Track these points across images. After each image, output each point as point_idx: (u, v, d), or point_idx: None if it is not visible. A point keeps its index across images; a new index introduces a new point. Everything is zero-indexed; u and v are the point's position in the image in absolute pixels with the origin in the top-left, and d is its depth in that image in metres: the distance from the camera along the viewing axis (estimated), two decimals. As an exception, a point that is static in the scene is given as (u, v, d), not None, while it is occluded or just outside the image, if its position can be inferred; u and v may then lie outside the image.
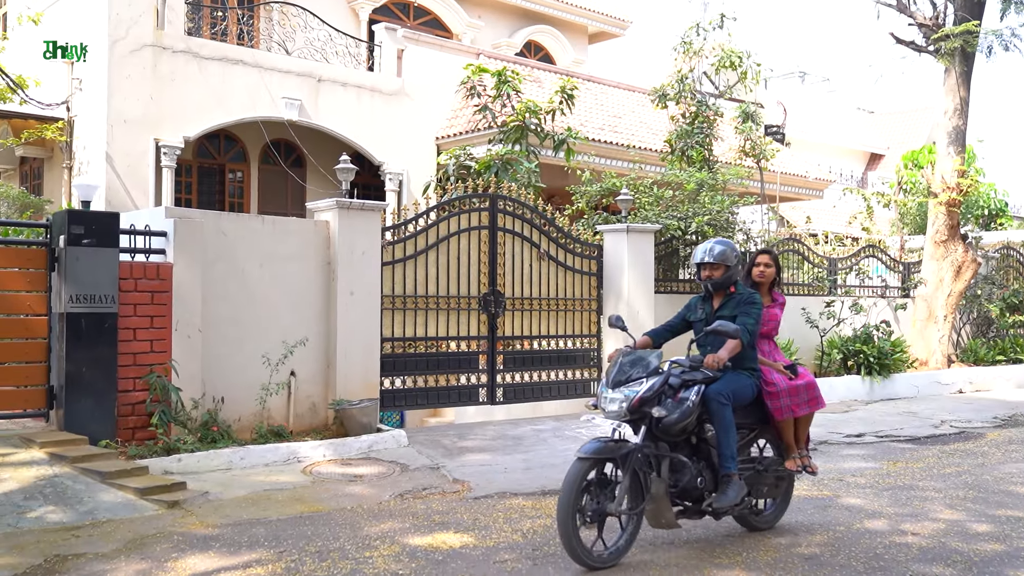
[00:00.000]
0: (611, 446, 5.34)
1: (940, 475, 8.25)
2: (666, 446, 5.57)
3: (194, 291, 8.54)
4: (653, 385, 5.43)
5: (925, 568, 5.37)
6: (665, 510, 5.51)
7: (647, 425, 5.44)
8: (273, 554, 5.57)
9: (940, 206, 15.99)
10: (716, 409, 5.63)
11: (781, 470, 6.20)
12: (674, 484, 5.58)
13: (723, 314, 5.95)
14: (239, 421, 8.87)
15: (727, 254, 6.01)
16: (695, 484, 5.60)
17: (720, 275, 6.01)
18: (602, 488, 5.34)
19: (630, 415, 5.39)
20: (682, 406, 5.50)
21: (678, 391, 5.60)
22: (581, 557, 5.19)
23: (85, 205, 8.17)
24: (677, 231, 13.30)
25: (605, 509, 5.31)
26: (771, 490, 6.23)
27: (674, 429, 5.49)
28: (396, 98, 17.15)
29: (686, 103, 16.09)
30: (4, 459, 7.05)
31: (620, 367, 5.58)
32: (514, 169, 13.66)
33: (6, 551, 5.53)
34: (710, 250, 6.02)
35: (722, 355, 5.61)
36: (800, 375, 6.18)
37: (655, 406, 5.40)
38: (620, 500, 5.30)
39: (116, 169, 13.97)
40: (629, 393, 5.40)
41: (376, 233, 10.00)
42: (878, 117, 43.34)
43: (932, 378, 15.14)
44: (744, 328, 5.77)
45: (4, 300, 7.84)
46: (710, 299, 6.15)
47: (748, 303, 5.97)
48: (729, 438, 5.65)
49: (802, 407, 6.08)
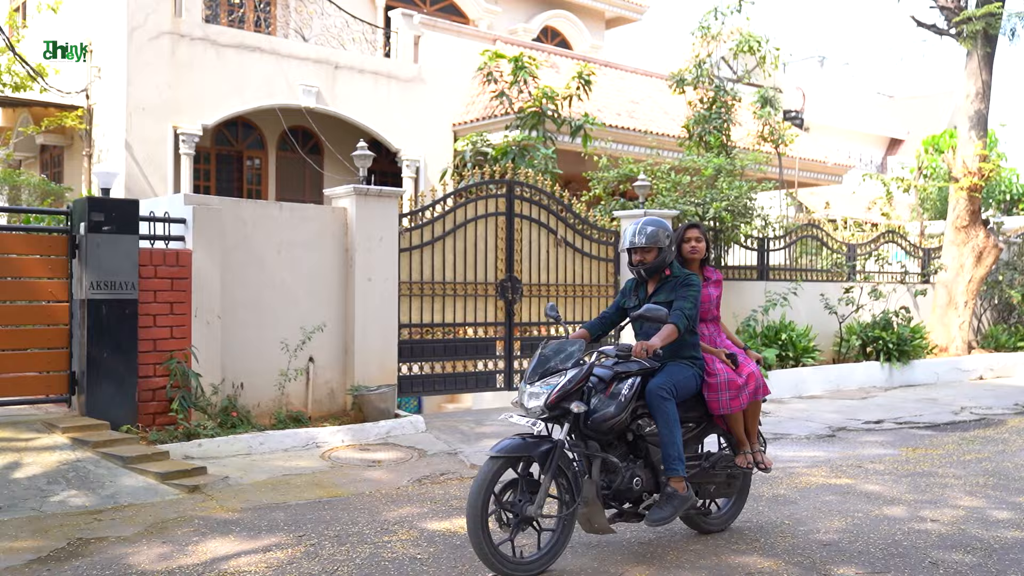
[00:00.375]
0: (528, 444, 4.85)
1: (960, 462, 8.21)
2: (596, 445, 5.11)
3: (213, 277, 8.59)
4: (573, 378, 4.94)
5: (944, 555, 5.36)
6: (596, 514, 5.04)
7: (571, 422, 4.97)
8: (293, 538, 5.61)
9: (961, 191, 15.86)
10: (657, 404, 5.17)
11: (732, 467, 5.73)
12: (606, 486, 5.14)
13: (658, 299, 5.43)
14: (258, 407, 8.93)
15: (659, 235, 5.39)
16: (630, 486, 5.16)
17: (652, 259, 5.43)
18: (527, 489, 4.85)
19: (549, 411, 4.90)
20: (613, 401, 5.05)
21: (610, 384, 5.13)
22: (495, 564, 4.72)
23: (105, 192, 8.22)
24: (695, 217, 13.25)
25: (525, 512, 4.80)
26: (721, 489, 5.74)
27: (604, 426, 5.04)
28: (413, 84, 17.14)
29: (704, 88, 15.99)
30: (28, 444, 7.13)
31: (540, 359, 5.09)
32: (531, 155, 13.64)
33: (30, 534, 5.60)
34: (639, 231, 5.41)
35: (654, 342, 5.12)
36: (741, 365, 5.65)
37: (575, 401, 4.92)
38: (540, 503, 4.81)
39: (135, 156, 14.05)
40: (546, 388, 4.92)
41: (393, 219, 10.02)
42: (898, 102, 43.00)
43: (952, 364, 15.06)
44: (681, 313, 5.27)
45: (26, 287, 7.91)
46: (645, 284, 5.61)
47: (685, 285, 5.42)
48: (674, 436, 5.16)
49: (740, 400, 5.55)
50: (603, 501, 5.09)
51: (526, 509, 4.79)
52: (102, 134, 14.63)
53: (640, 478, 5.20)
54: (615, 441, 5.21)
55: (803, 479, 7.41)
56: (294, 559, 5.19)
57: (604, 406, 5.03)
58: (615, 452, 5.19)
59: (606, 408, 5.02)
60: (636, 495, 5.21)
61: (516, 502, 4.81)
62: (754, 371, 5.67)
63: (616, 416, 5.03)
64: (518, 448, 4.82)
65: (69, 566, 5.02)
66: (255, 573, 4.92)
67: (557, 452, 4.85)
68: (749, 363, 5.71)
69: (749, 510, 6.34)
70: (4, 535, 5.57)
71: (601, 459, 5.09)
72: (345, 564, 5.07)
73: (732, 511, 5.91)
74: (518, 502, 4.81)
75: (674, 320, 5.22)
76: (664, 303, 5.35)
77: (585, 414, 4.99)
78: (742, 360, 5.69)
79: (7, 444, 7.08)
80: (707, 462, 5.61)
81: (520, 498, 4.82)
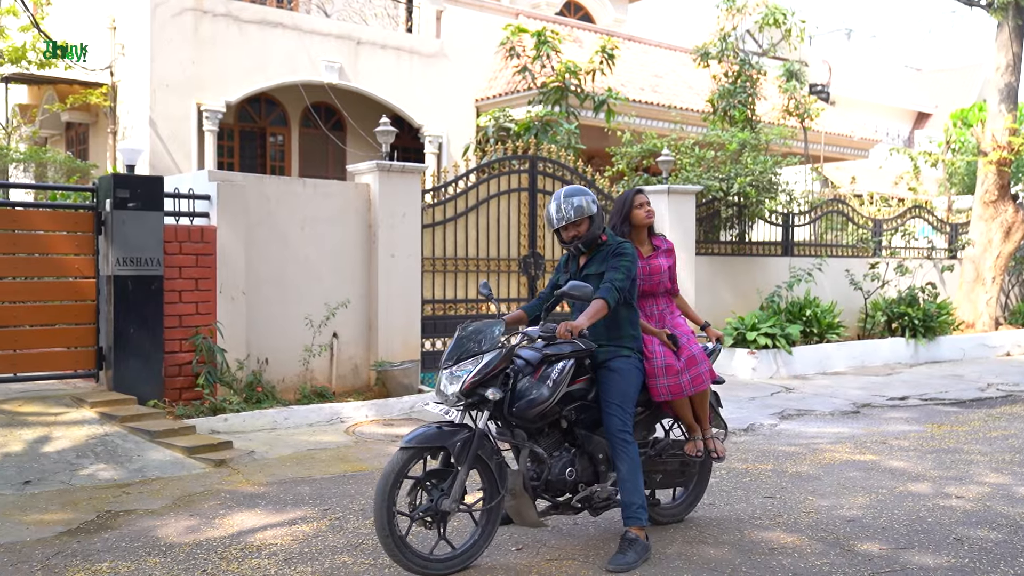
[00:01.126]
0: (441, 433, 4.46)
1: (986, 438, 8.15)
2: (523, 434, 4.73)
3: (237, 254, 8.63)
4: (490, 362, 4.52)
5: (969, 531, 5.33)
6: (525, 507, 4.71)
7: (491, 410, 4.58)
8: (318, 512, 5.67)
9: (990, 165, 15.65)
10: (620, 449, 4.76)
11: (684, 454, 5.32)
12: (536, 476, 4.75)
13: (590, 272, 4.96)
14: (283, 382, 9.00)
15: (584, 204, 4.88)
16: (563, 476, 4.76)
17: (586, 230, 4.92)
18: (443, 480, 4.50)
19: (465, 399, 4.51)
20: (542, 385, 4.60)
21: (539, 367, 4.68)
22: (407, 563, 4.38)
23: (130, 169, 8.27)
24: (719, 192, 13.16)
25: (440, 506, 4.44)
26: (670, 478, 5.35)
27: (530, 413, 4.59)
28: (435, 60, 17.08)
29: (728, 62, 15.83)
30: (57, 418, 7.23)
31: (457, 341, 4.69)
32: (554, 131, 13.59)
33: (60, 507, 5.69)
34: (564, 206, 4.89)
35: (580, 322, 4.65)
36: (682, 348, 5.10)
37: (491, 388, 4.50)
38: (456, 495, 4.44)
39: (159, 133, 14.12)
40: (463, 372, 4.52)
41: (416, 195, 10.02)
42: (926, 75, 42.41)
43: (979, 341, 14.93)
44: (611, 286, 4.77)
45: (53, 263, 7.99)
46: (577, 257, 5.14)
47: (616, 255, 4.90)
48: (637, 483, 4.77)
49: (684, 387, 5.05)
50: (533, 493, 4.74)
51: (441, 503, 4.43)
52: (126, 111, 14.70)
53: (574, 468, 4.81)
54: (547, 429, 4.80)
55: (827, 455, 7.39)
56: (319, 532, 5.25)
57: (531, 391, 4.60)
58: (546, 441, 4.80)
59: (533, 393, 4.59)
60: (571, 486, 4.83)
61: (430, 495, 4.47)
62: (695, 354, 5.11)
63: (545, 402, 4.58)
64: (432, 438, 4.43)
65: (98, 538, 5.09)
66: (281, 546, 4.98)
67: (475, 442, 4.48)
68: (692, 345, 5.17)
69: (772, 486, 6.34)
70: (35, 507, 5.67)
71: (529, 449, 4.73)
72: (369, 537, 5.11)
73: (688, 501, 5.55)
74: (432, 495, 4.47)
75: (602, 295, 4.74)
76: (596, 275, 4.91)
77: (510, 400, 4.60)
78: (683, 343, 5.15)
79: (37, 418, 7.18)
80: (653, 450, 5.24)
81: (433, 491, 4.47)
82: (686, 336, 5.23)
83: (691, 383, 5.06)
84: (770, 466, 7.00)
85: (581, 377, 4.88)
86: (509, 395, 4.62)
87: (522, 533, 5.22)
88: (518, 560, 4.80)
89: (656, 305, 5.37)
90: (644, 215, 5.32)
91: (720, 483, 6.36)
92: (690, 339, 5.23)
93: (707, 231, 13.38)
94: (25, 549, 4.89)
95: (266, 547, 4.96)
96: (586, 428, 4.93)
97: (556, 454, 4.82)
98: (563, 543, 5.08)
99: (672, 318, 5.38)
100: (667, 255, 5.44)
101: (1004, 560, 4.80)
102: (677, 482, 5.44)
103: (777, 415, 9.27)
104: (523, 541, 5.11)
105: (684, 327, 5.35)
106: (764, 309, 12.97)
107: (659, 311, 5.37)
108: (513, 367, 4.69)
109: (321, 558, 4.78)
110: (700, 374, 5.09)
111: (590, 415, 4.93)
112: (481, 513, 4.68)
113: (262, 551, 4.89)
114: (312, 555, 4.83)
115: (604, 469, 4.93)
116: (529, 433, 4.76)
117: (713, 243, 13.41)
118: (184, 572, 4.55)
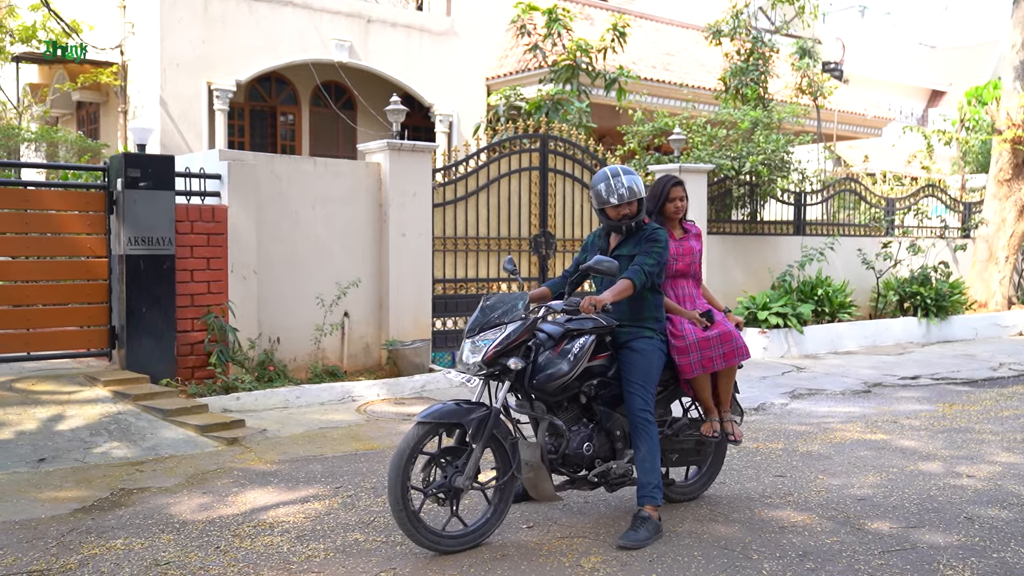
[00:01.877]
0: (459, 410, 4.46)
1: (997, 418, 8.13)
2: (543, 406, 4.76)
3: (249, 233, 8.65)
4: (512, 332, 4.54)
5: (980, 510, 5.33)
6: (542, 480, 4.73)
7: (512, 380, 4.61)
8: (330, 490, 5.70)
9: (1004, 143, 15.53)
10: (641, 429, 4.80)
11: (701, 434, 5.34)
12: (553, 450, 4.80)
13: (622, 252, 5.00)
14: (295, 361, 9.03)
15: (636, 186, 4.92)
16: (580, 451, 4.79)
17: (635, 210, 4.96)
18: (458, 458, 4.53)
19: (487, 368, 4.54)
20: (562, 359, 4.64)
21: (560, 342, 4.71)
22: (419, 538, 4.40)
23: (141, 148, 8.29)
24: (730, 171, 13.10)
25: (454, 483, 4.47)
26: (685, 457, 5.37)
27: (550, 386, 4.62)
28: (445, 38, 17.02)
29: (741, 39, 15.72)
30: (70, 397, 7.27)
31: (481, 311, 4.71)
32: (565, 109, 13.54)
33: (74, 484, 5.73)
34: (620, 184, 4.90)
35: (604, 297, 4.68)
36: (716, 324, 5.18)
37: (514, 358, 4.54)
38: (471, 473, 4.47)
39: (170, 112, 14.12)
40: (485, 342, 4.56)
41: (427, 174, 10.00)
42: (941, 52, 42.03)
43: (991, 320, 14.86)
44: (639, 269, 4.82)
45: (65, 243, 8.02)
46: (607, 235, 5.16)
47: (650, 240, 4.93)
48: (655, 463, 4.80)
49: (716, 361, 5.10)
50: (551, 466, 4.78)
51: (455, 480, 4.46)
52: (137, 90, 14.71)
53: (592, 444, 4.83)
54: (565, 403, 4.82)
55: (837, 434, 7.38)
56: (331, 510, 5.28)
57: (552, 364, 4.63)
58: (565, 415, 4.82)
59: (554, 367, 4.62)
60: (588, 461, 4.85)
61: (444, 472, 4.50)
62: (729, 330, 5.19)
63: (565, 376, 4.61)
64: (449, 414, 4.44)
65: (112, 515, 5.14)
66: (294, 523, 5.01)
67: (491, 420, 4.51)
68: (726, 322, 5.25)
69: (783, 464, 6.34)
70: (50, 485, 5.72)
71: (548, 422, 4.76)
72: (381, 515, 5.14)
73: (704, 479, 5.56)
74: (446, 472, 4.50)
75: (630, 275, 4.79)
76: (628, 257, 4.94)
77: (530, 373, 4.63)
78: (719, 319, 5.25)
79: (51, 397, 7.23)
80: (670, 429, 5.24)
81: (448, 468, 4.50)
82: (719, 314, 5.34)
83: (723, 357, 5.12)
84: (781, 445, 7.00)
85: (602, 354, 4.90)
86: (530, 368, 4.65)
87: (533, 511, 5.24)
88: (529, 538, 4.82)
89: (687, 287, 5.42)
90: (673, 209, 5.37)
91: (731, 462, 6.37)
92: (724, 316, 5.35)
93: (719, 210, 13.34)
94: (40, 526, 4.93)
95: (279, 524, 4.99)
96: (605, 404, 4.94)
97: (574, 429, 4.84)
98: (574, 521, 5.10)
99: (700, 302, 5.44)
100: (697, 239, 5.53)
101: (1015, 539, 4.80)
102: (692, 461, 5.46)
103: (788, 394, 9.27)
104: (534, 519, 5.13)
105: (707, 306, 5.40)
106: (776, 288, 12.93)
107: (689, 292, 5.42)
108: (535, 340, 4.71)
109: (333, 535, 4.81)
110: (734, 349, 5.16)
111: (609, 391, 4.95)
112: (494, 491, 4.70)
113: (275, 528, 4.92)
114: (324, 532, 4.86)
115: (621, 446, 4.96)
116: (548, 407, 4.79)
117: (725, 222, 13.37)
118: (197, 549, 4.58)
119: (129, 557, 4.46)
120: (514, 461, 4.64)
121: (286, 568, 4.34)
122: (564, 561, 4.46)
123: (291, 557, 4.49)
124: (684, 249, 5.36)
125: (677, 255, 5.33)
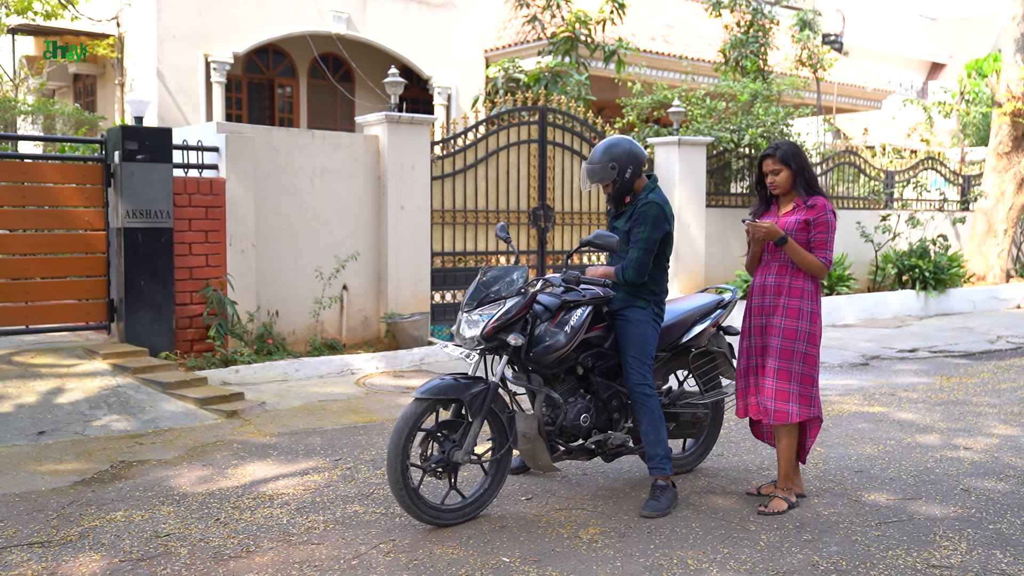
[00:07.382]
0: (457, 384, 4.46)
1: (995, 390, 8.16)
2: (539, 379, 4.79)
3: (247, 206, 8.62)
4: (512, 307, 4.52)
5: (977, 482, 5.35)
6: (539, 451, 4.72)
7: (509, 355, 4.60)
8: (329, 462, 5.72)
9: (1004, 116, 15.48)
10: (641, 403, 4.79)
11: (699, 407, 5.32)
12: (550, 422, 4.82)
13: (618, 225, 4.94)
14: (293, 334, 9.04)
15: (615, 159, 4.81)
16: (577, 422, 4.79)
17: (613, 185, 4.90)
18: (455, 432, 4.55)
19: (486, 342, 4.53)
20: (559, 331, 4.63)
21: (557, 314, 4.70)
22: (420, 514, 4.42)
23: (138, 121, 8.24)
24: (730, 144, 13.06)
25: (452, 458, 4.49)
26: (682, 429, 5.33)
27: (547, 359, 4.61)
28: (444, 9, 16.89)
29: (741, 11, 15.61)
30: (70, 370, 7.28)
31: (479, 285, 4.68)
32: (564, 82, 13.47)
33: (74, 457, 5.75)
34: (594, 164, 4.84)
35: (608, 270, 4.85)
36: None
37: (513, 333, 4.53)
38: (469, 447, 4.49)
39: (167, 85, 14.04)
40: (484, 317, 4.53)
41: (425, 147, 9.97)
42: (941, 24, 41.78)
43: (989, 293, 14.87)
44: (626, 266, 4.79)
45: (63, 215, 8.00)
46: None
47: (639, 219, 4.81)
48: (660, 435, 4.79)
49: (791, 410, 4.74)
50: (548, 437, 4.79)
51: (454, 454, 4.48)
52: (134, 63, 14.61)
53: (589, 415, 4.83)
54: (563, 375, 4.82)
55: (835, 407, 7.41)
56: (331, 482, 5.30)
57: (549, 337, 4.62)
58: (562, 386, 4.83)
59: (551, 339, 4.61)
60: (585, 432, 4.86)
61: (442, 447, 4.52)
62: (811, 374, 4.81)
63: (562, 348, 4.60)
64: (447, 389, 4.44)
65: (112, 487, 5.16)
66: (293, 495, 5.03)
67: (489, 395, 4.52)
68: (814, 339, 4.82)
69: (781, 437, 6.36)
70: (50, 457, 5.74)
71: (545, 394, 4.78)
72: (380, 487, 5.16)
73: (698, 452, 5.55)
74: (444, 447, 4.52)
75: (618, 269, 4.82)
76: (624, 232, 4.86)
77: (528, 345, 4.61)
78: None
79: (50, 370, 7.24)
80: (667, 398, 5.22)
81: (445, 443, 4.52)
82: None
83: (798, 405, 4.76)
84: (779, 418, 7.02)
85: (599, 324, 4.90)
86: (527, 340, 4.64)
87: (532, 483, 5.27)
88: (527, 509, 4.85)
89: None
90: (771, 184, 4.85)
91: (728, 434, 6.40)
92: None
93: (718, 183, 13.31)
94: (41, 498, 4.95)
95: (278, 496, 5.01)
96: (602, 376, 4.94)
97: (571, 400, 4.84)
98: (572, 493, 5.12)
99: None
100: (807, 211, 4.76)
101: (1011, 511, 4.83)
102: (688, 433, 5.44)
103: (786, 367, 9.27)
104: (532, 491, 5.15)
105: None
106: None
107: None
108: (531, 312, 4.70)
109: (332, 507, 4.84)
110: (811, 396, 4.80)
111: (606, 362, 4.94)
112: (490, 463, 4.71)
113: (274, 500, 4.95)
114: (324, 504, 4.89)
115: (618, 416, 4.98)
116: (545, 379, 4.80)
117: (724, 195, 13.34)
118: (197, 521, 4.61)
119: (129, 529, 4.48)
120: (511, 434, 4.67)
121: (286, 540, 4.36)
122: (563, 532, 4.49)
123: (291, 529, 4.51)
124: (779, 225, 4.77)
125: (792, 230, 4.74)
